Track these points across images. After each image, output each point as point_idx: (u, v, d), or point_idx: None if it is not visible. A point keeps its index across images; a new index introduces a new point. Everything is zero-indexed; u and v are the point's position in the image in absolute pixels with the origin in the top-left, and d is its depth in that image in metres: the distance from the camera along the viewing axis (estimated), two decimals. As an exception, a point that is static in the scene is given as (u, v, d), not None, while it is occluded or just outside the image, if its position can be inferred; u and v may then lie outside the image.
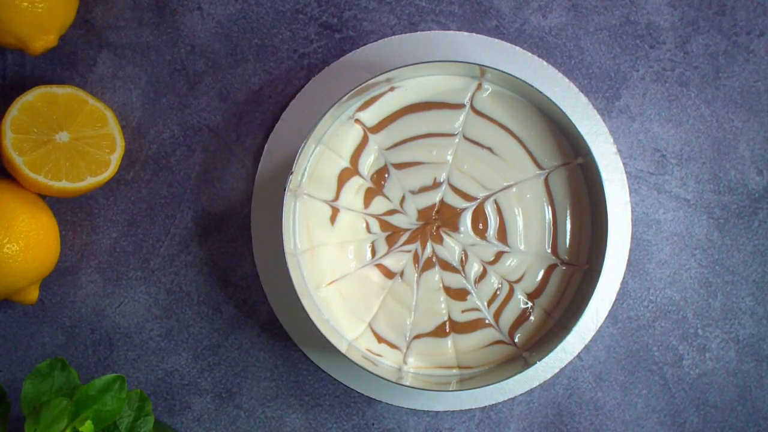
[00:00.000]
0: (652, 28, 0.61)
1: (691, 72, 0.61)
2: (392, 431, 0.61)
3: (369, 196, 0.57)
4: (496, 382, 0.54)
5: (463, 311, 0.57)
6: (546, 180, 0.57)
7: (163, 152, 0.60)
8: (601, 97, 0.61)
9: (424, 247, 0.57)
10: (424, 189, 0.57)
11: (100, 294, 0.61)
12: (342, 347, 0.54)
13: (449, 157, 0.57)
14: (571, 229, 0.57)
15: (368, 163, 0.57)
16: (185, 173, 0.60)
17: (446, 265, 0.57)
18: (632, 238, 0.60)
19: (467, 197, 0.57)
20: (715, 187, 0.61)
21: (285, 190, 0.54)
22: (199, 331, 0.61)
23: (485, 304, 0.57)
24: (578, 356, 0.60)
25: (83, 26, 0.60)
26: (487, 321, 0.57)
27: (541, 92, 0.54)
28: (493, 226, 0.57)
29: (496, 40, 0.59)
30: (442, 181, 0.57)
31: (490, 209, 0.57)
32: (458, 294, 0.57)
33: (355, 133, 0.57)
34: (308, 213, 0.57)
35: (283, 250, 0.54)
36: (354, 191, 0.57)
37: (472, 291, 0.57)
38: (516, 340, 0.57)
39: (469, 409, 0.60)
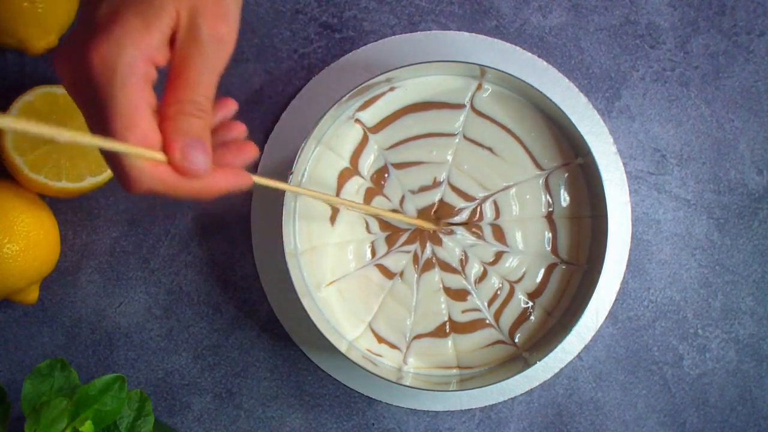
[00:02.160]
0: (652, 28, 0.61)
1: (691, 72, 0.61)
2: (392, 431, 0.61)
3: (369, 196, 0.57)
4: (496, 382, 0.54)
5: (463, 311, 0.57)
6: (546, 180, 0.57)
7: (163, 152, 0.60)
8: (601, 97, 0.61)
9: (423, 247, 0.57)
10: (424, 189, 0.57)
11: (100, 294, 0.61)
12: (342, 347, 0.54)
13: (449, 157, 0.57)
14: (571, 229, 0.57)
15: (368, 163, 0.57)
16: (185, 173, 0.60)
17: (446, 266, 0.57)
18: (632, 238, 0.60)
19: (466, 197, 0.57)
20: (715, 187, 0.61)
21: (285, 190, 0.54)
22: (199, 331, 0.61)
23: (485, 304, 0.57)
24: (578, 356, 0.60)
25: (83, 26, 0.60)
26: (487, 321, 0.57)
27: (541, 92, 0.54)
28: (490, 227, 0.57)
29: (496, 40, 0.59)
30: (441, 180, 0.57)
31: (488, 209, 0.57)
32: (458, 294, 0.57)
33: (355, 133, 0.57)
34: (308, 213, 0.57)
35: (283, 250, 0.54)
36: (354, 191, 0.57)
37: (473, 291, 0.57)
38: (516, 340, 0.57)
39: (469, 409, 0.60)
